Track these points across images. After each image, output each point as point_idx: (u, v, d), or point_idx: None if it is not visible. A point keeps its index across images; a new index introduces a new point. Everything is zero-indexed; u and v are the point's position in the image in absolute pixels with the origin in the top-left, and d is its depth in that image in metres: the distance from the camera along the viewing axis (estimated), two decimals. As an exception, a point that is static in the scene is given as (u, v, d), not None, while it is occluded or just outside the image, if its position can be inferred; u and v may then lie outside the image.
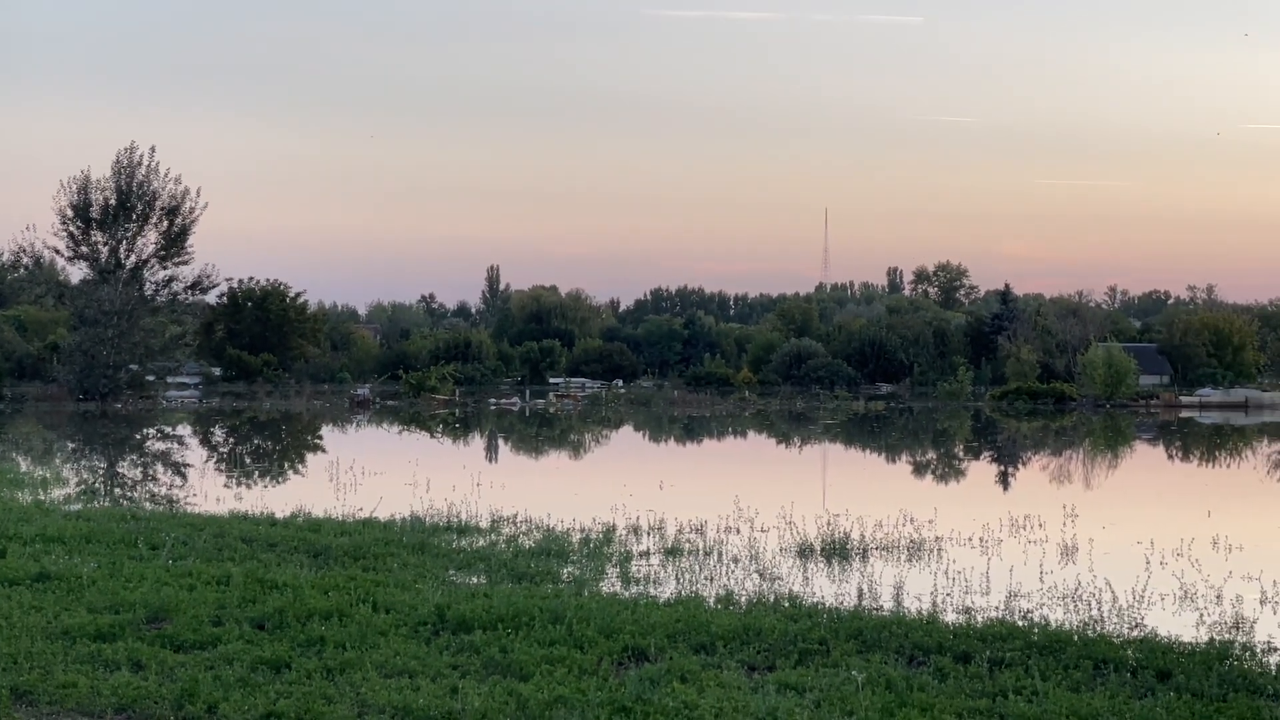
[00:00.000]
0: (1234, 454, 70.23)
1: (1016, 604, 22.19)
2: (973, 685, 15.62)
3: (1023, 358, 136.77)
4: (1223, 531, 31.78)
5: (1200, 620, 21.30)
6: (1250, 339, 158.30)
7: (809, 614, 19.72)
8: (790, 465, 63.07)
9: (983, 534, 31.56)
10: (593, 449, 74.64)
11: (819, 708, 14.36)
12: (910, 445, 75.98)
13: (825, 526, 30.18)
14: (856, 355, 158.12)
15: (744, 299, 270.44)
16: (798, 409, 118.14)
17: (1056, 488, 47.56)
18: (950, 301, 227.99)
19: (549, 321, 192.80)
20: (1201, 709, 14.61)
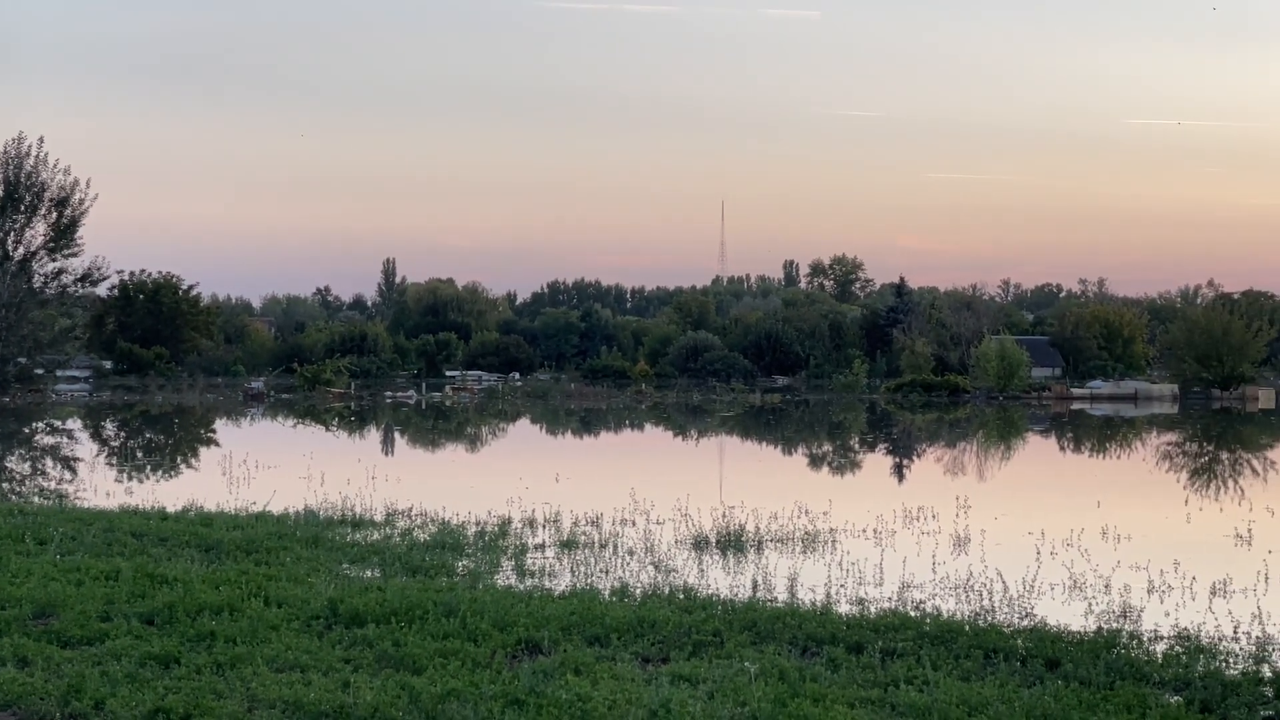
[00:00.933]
0: (1123, 445, 71.14)
1: (909, 595, 22.37)
2: (865, 675, 15.72)
3: (917, 350, 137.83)
4: (1112, 522, 32.19)
5: (1089, 609, 21.54)
6: (1140, 332, 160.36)
7: (704, 606, 19.77)
8: (686, 458, 63.21)
9: (877, 525, 31.77)
10: (489, 442, 74.46)
11: (712, 699, 14.39)
12: (806, 438, 76.37)
13: (721, 519, 30.28)
14: (753, 348, 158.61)
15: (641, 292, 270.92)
16: (694, 402, 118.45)
17: (950, 479, 47.96)
18: (846, 294, 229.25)
19: (445, 314, 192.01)
20: (1089, 697, 14.77)
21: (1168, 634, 19.40)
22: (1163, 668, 16.59)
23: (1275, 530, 32.28)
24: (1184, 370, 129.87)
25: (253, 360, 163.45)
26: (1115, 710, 14.19)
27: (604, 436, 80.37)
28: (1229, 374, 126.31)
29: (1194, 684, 15.83)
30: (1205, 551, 28.72)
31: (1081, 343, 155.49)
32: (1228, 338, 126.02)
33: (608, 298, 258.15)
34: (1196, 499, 40.43)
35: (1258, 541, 30.04)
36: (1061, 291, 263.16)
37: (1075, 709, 14.18)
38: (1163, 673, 16.33)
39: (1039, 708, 14.17)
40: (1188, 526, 33.65)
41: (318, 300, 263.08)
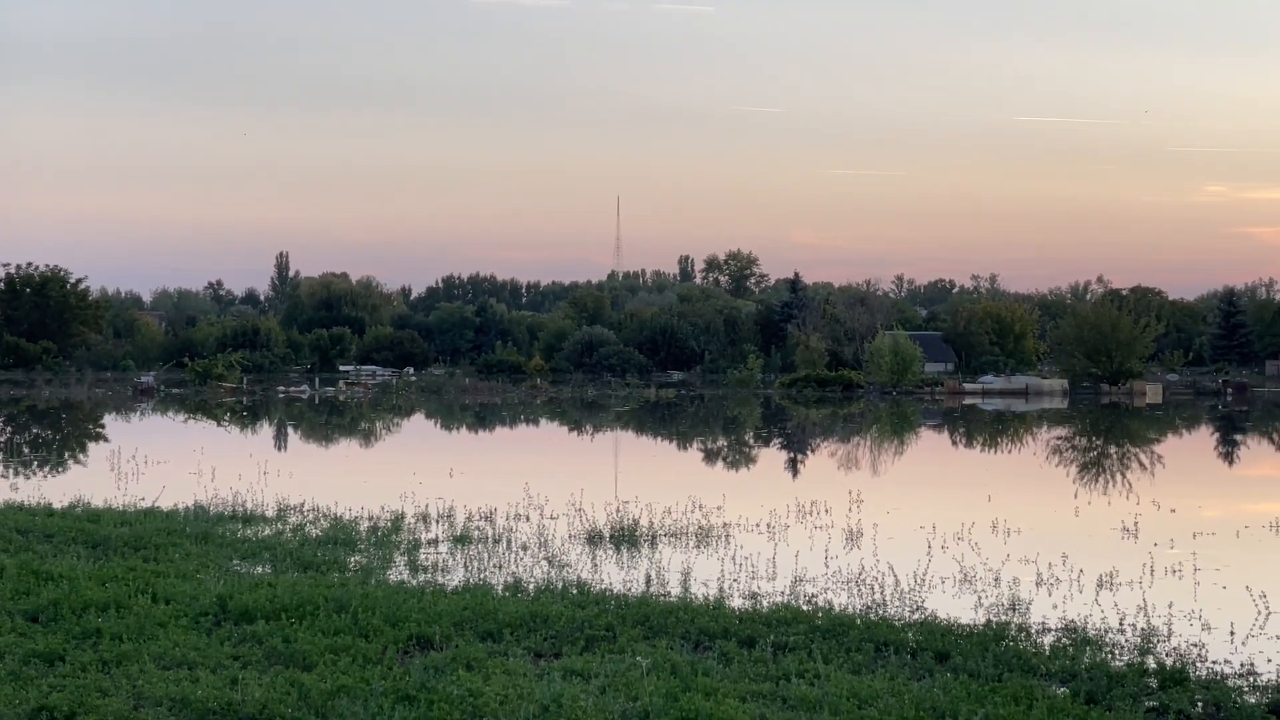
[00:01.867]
0: (1014, 440, 71.86)
1: (802, 589, 22.46)
2: (756, 669, 15.78)
3: (812, 346, 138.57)
4: (1002, 516, 32.50)
5: (979, 602, 21.73)
6: (1031, 327, 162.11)
7: (597, 601, 19.77)
8: (581, 453, 63.17)
9: (770, 520, 31.90)
10: (383, 437, 74.06)
11: (604, 694, 14.38)
12: (700, 433, 76.55)
13: (615, 513, 30.28)
14: (648, 343, 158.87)
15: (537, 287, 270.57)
16: (589, 397, 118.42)
17: (843, 474, 48.24)
18: (741, 290, 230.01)
19: (340, 309, 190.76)
20: (977, 689, 14.90)
21: (1055, 626, 19.62)
22: (1050, 660, 16.77)
23: (1161, 524, 32.71)
24: (1074, 365, 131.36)
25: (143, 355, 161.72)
26: (1003, 702, 14.32)
27: (499, 431, 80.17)
28: (1117, 369, 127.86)
29: (1080, 676, 16.02)
30: (1093, 545, 29.05)
31: (973, 338, 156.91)
32: (1116, 334, 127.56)
33: (503, 292, 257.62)
34: (1085, 493, 40.90)
35: (1144, 535, 30.44)
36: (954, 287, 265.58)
37: (964, 701, 14.29)
38: (1050, 665, 16.51)
39: (928, 700, 14.28)
40: (1076, 520, 34.04)
41: (209, 294, 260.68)
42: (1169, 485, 44.71)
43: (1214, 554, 27.62)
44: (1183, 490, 42.70)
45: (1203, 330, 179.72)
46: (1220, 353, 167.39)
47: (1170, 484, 45.42)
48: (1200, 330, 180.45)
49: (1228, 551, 28.37)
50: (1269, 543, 30.37)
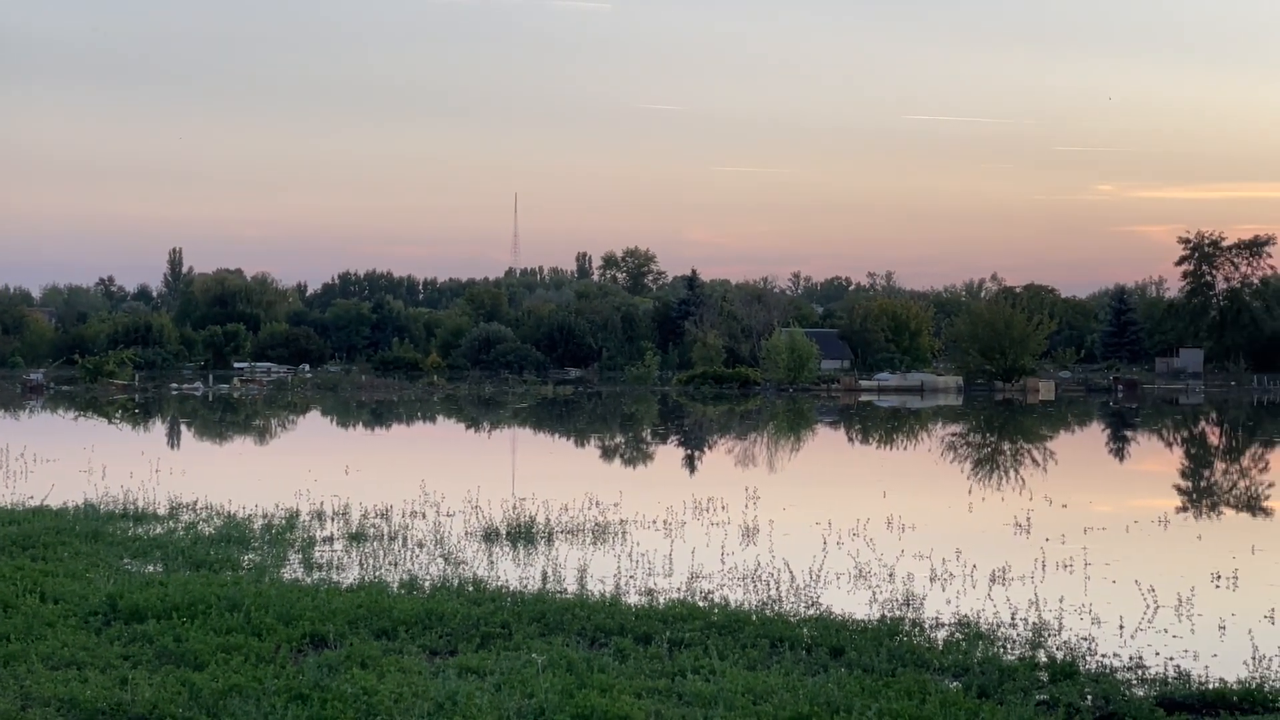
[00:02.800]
0: (909, 436, 72.39)
1: (698, 585, 22.51)
2: (652, 666, 15.80)
3: (709, 343, 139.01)
4: (897, 511, 32.73)
5: (873, 598, 21.87)
6: (926, 325, 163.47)
7: (493, 598, 19.73)
8: (478, 450, 62.98)
9: (667, 516, 31.95)
10: (278, 434, 73.51)
11: (499, 691, 14.34)
12: (598, 429, 76.55)
13: (512, 510, 30.24)
14: (546, 340, 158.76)
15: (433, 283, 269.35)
16: (486, 393, 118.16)
17: (740, 470, 48.40)
18: (639, 287, 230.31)
19: (234, 305, 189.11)
20: (871, 684, 14.99)
21: (949, 621, 19.78)
22: (943, 654, 16.92)
23: (1053, 519, 33.06)
24: (968, 362, 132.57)
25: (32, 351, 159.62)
26: (896, 697, 14.42)
27: (395, 429, 79.79)
28: (1011, 366, 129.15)
29: (973, 670, 16.17)
30: (986, 540, 29.31)
31: (870, 335, 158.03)
32: (1010, 331, 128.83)
33: (400, 289, 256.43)
34: (979, 489, 41.27)
35: (1036, 530, 30.75)
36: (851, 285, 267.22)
37: (858, 696, 14.38)
38: (943, 659, 16.66)
39: (822, 695, 14.35)
40: (970, 516, 34.35)
41: (100, 291, 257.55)
42: (1061, 481, 45.20)
43: (1104, 549, 27.96)
44: (1074, 486, 43.17)
45: (1094, 328, 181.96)
46: (1111, 350, 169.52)
47: (1062, 480, 45.91)
48: (1092, 328, 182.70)
49: (1118, 546, 28.73)
50: (1158, 537, 30.79)
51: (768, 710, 13.77)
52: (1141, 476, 50.49)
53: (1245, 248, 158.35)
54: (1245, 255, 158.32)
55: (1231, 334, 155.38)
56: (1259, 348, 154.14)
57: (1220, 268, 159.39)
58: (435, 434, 76.15)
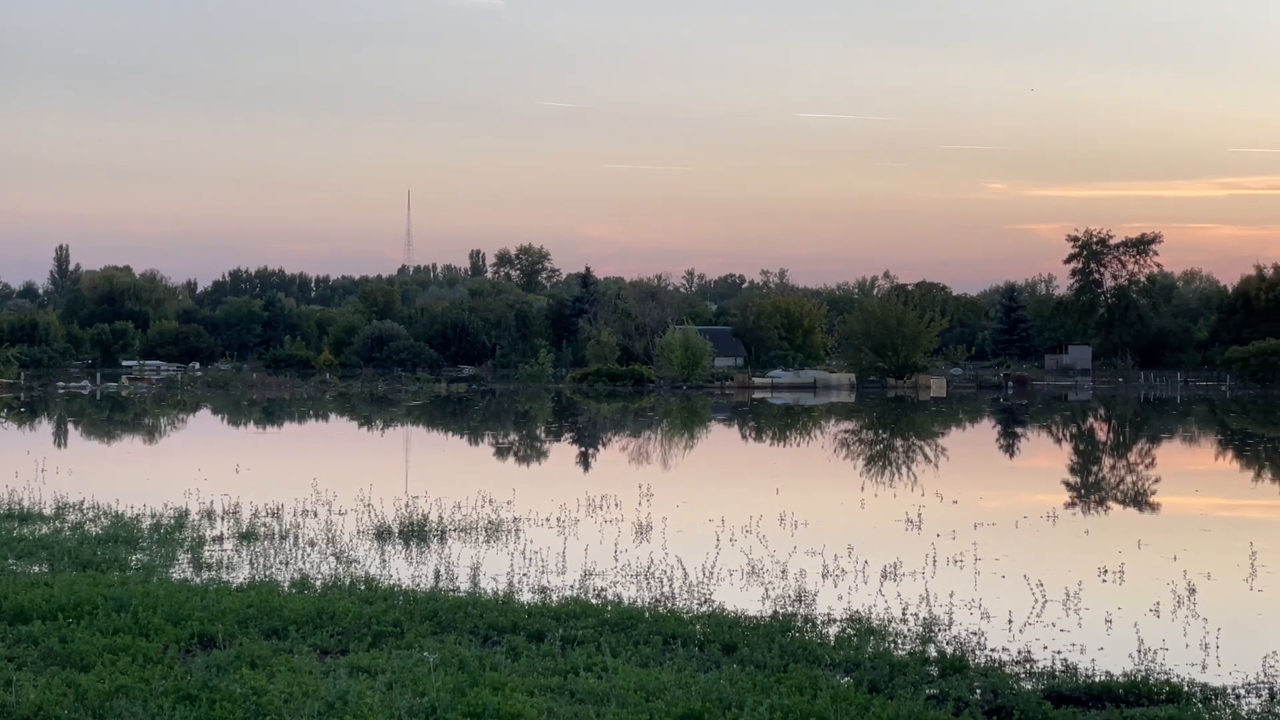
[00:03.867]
0: (802, 433, 72.76)
1: (591, 582, 22.52)
2: (545, 663, 15.78)
3: (603, 340, 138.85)
4: (790, 508, 32.88)
5: (766, 594, 21.96)
6: (819, 322, 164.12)
7: (385, 596, 19.64)
8: (371, 448, 62.66)
9: (560, 514, 31.94)
10: (167, 433, 72.74)
11: (391, 690, 14.26)
12: (492, 427, 76.37)
13: (404, 509, 30.11)
14: (439, 338, 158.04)
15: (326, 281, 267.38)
16: (379, 391, 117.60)
17: (634, 468, 48.44)
18: (532, 284, 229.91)
19: (122, 303, 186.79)
20: (763, 680, 15.05)
21: (840, 617, 19.90)
22: (834, 650, 17.02)
23: (944, 515, 33.34)
24: (861, 360, 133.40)
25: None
26: (788, 692, 14.48)
27: (287, 427, 79.19)
28: (903, 363, 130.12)
29: (864, 665, 16.27)
30: (878, 536, 29.51)
31: (763, 333, 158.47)
32: (902, 328, 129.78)
33: (292, 287, 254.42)
34: (871, 485, 41.53)
35: (927, 526, 31.00)
36: (744, 282, 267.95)
37: (749, 692, 14.42)
38: (834, 654, 16.75)
39: (715, 691, 14.38)
40: (862, 512, 34.56)
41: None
42: (952, 477, 45.63)
43: (994, 544, 28.24)
44: (965, 482, 43.58)
45: (985, 325, 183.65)
46: (1002, 347, 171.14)
47: (953, 476, 46.35)
48: (983, 325, 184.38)
49: (1007, 541, 29.03)
50: (1046, 532, 31.13)
51: (660, 707, 13.77)
52: (1031, 472, 51.04)
53: (1132, 246, 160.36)
54: (1132, 253, 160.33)
55: (1119, 331, 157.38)
56: (1145, 344, 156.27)
57: (1108, 266, 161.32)
58: (328, 432, 75.65)
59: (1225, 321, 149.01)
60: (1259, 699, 15.75)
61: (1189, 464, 54.90)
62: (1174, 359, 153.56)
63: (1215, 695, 15.72)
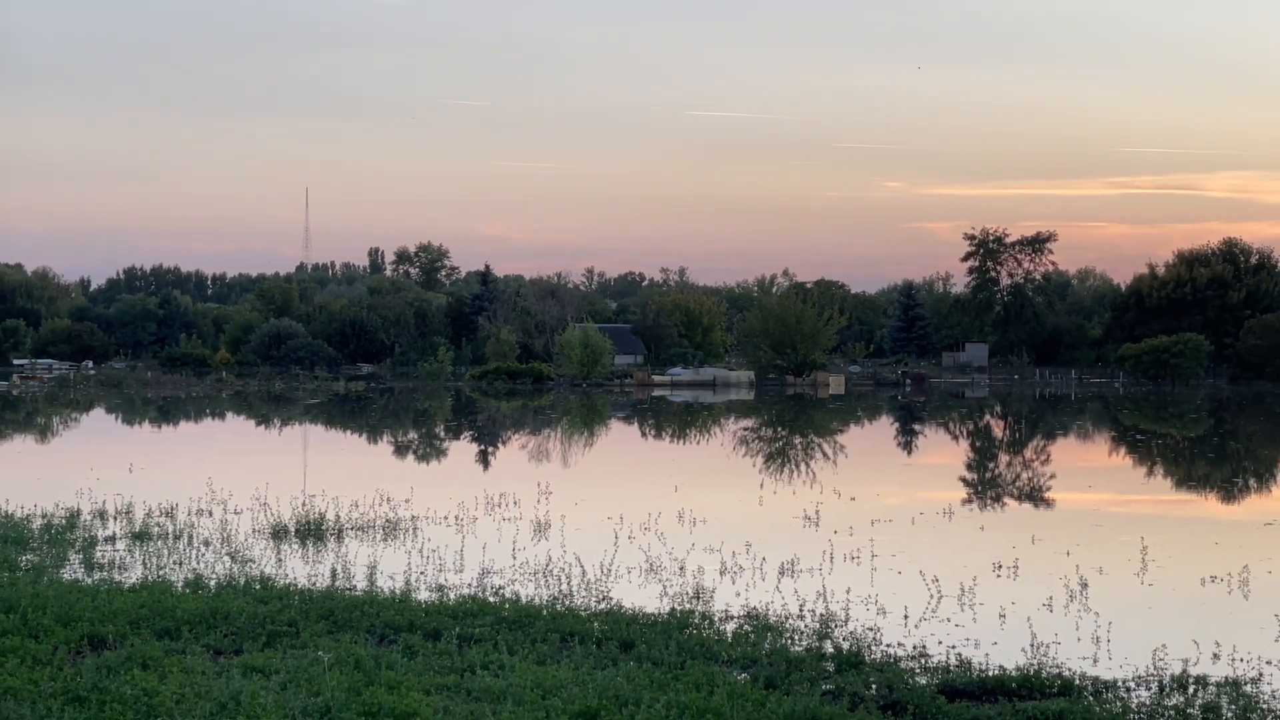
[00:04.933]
0: (701, 431, 72.93)
1: (489, 581, 22.48)
2: (441, 662, 15.71)
3: (502, 338, 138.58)
4: (689, 506, 32.95)
5: (664, 592, 21.98)
6: (719, 320, 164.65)
7: (280, 596, 19.47)
8: (268, 447, 62.17)
9: (458, 512, 31.85)
10: (59, 432, 71.84)
11: (285, 690, 14.13)
12: (390, 425, 76.01)
13: (301, 507, 29.89)
14: (337, 336, 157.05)
15: (223, 279, 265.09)
16: (277, 390, 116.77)
17: (533, 466, 48.36)
18: (432, 282, 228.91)
19: (13, 300, 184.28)
20: (660, 677, 15.05)
21: (738, 614, 19.96)
22: (732, 646, 17.05)
23: (842, 511, 33.53)
24: (760, 357, 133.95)
25: None
26: (685, 689, 14.48)
27: (183, 426, 78.41)
28: (802, 361, 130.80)
29: (761, 661, 16.32)
30: (776, 533, 29.63)
31: (663, 330, 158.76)
32: (801, 326, 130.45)
33: (188, 284, 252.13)
34: (770, 482, 41.68)
35: (825, 523, 31.16)
36: (644, 280, 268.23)
37: (646, 689, 14.42)
38: (731, 651, 16.79)
39: (611, 689, 14.36)
40: (760, 509, 34.69)
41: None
42: (850, 474, 45.89)
43: (891, 540, 28.41)
44: (862, 479, 43.84)
45: (883, 323, 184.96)
46: (900, 345, 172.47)
47: (851, 473, 46.62)
48: (881, 323, 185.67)
49: (904, 537, 29.22)
50: (942, 528, 31.37)
51: (556, 704, 13.74)
52: (928, 469, 51.43)
53: (1028, 244, 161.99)
54: (1028, 251, 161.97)
55: (1015, 329, 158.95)
56: (1041, 342, 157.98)
57: (1004, 264, 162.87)
58: (224, 431, 74.97)
59: (1119, 319, 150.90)
60: (1148, 691, 15.95)
61: (1083, 460, 55.55)
62: (1069, 356, 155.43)
63: (1106, 688, 15.90)
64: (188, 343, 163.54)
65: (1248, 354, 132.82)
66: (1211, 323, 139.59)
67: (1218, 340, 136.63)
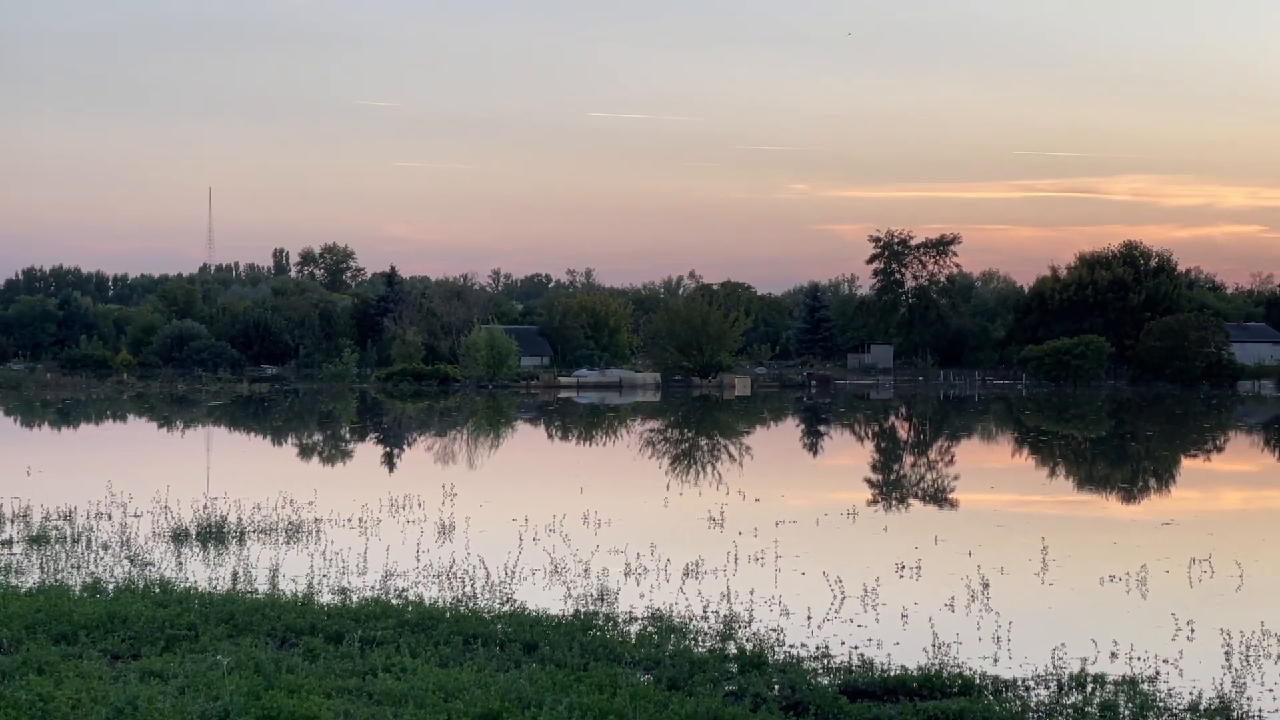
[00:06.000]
0: (607, 433, 72.94)
1: (392, 583, 22.37)
2: (343, 665, 15.61)
3: (408, 340, 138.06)
4: (594, 507, 32.94)
5: (568, 593, 21.96)
6: (625, 321, 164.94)
7: (180, 599, 19.27)
8: (170, 449, 61.55)
9: (362, 515, 31.68)
10: (-42, 434, 70.83)
11: (183, 694, 13.99)
12: (295, 427, 75.50)
13: (203, 510, 29.61)
14: (241, 337, 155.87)
15: (125, 279, 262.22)
16: (179, 391, 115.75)
17: (438, 468, 48.18)
18: (337, 283, 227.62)
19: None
20: (563, 678, 15.02)
21: (642, 615, 19.97)
22: (635, 648, 17.06)
23: (747, 513, 33.62)
24: (666, 359, 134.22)
25: None
26: (587, 691, 14.46)
27: (82, 428, 77.51)
28: (708, 362, 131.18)
29: (664, 662, 16.33)
30: (681, 534, 29.67)
31: (569, 332, 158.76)
32: (707, 327, 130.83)
33: (89, 285, 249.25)
34: (676, 484, 41.73)
35: (730, 524, 31.22)
36: (551, 281, 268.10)
37: (549, 690, 14.39)
38: (635, 652, 16.79)
39: (514, 691, 14.32)
40: (665, 511, 34.71)
41: None
42: (755, 476, 46.02)
43: (795, 541, 28.53)
44: (768, 480, 43.97)
45: (789, 324, 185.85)
46: (805, 346, 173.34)
47: (756, 474, 46.76)
48: (787, 324, 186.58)
49: (808, 538, 29.35)
50: (846, 529, 31.52)
51: (458, 707, 13.68)
52: (833, 471, 51.68)
53: (932, 246, 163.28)
54: (932, 254, 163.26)
55: (919, 330, 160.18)
56: (945, 343, 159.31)
57: (909, 266, 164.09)
58: (125, 434, 74.17)
59: (1021, 321, 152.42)
60: (1047, 690, 16.10)
61: (986, 462, 56.02)
62: (973, 357, 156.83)
63: (1006, 687, 16.03)
64: (88, 344, 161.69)
65: (1147, 355, 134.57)
66: (1112, 324, 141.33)
67: (1118, 342, 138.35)
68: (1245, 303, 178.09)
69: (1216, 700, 15.52)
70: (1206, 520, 34.87)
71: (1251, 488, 45.59)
